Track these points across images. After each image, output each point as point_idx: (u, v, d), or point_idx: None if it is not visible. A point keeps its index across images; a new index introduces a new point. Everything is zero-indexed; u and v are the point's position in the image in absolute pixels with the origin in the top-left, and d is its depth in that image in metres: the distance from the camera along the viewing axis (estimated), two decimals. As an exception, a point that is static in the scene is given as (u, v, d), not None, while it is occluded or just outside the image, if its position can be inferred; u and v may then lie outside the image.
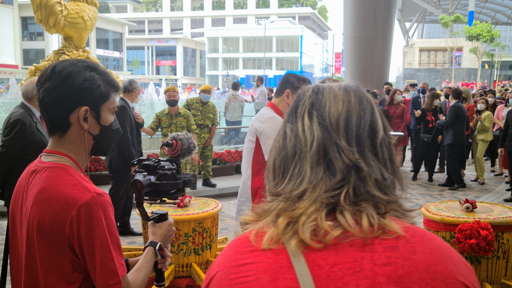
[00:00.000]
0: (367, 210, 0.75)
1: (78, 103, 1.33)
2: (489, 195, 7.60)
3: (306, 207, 0.76)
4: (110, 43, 53.96)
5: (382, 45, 12.05)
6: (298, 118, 0.85)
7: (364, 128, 0.82)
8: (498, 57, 44.56)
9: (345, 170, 0.78)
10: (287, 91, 2.94)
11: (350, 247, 0.73)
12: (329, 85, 0.89)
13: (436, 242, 0.75)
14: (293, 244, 0.73)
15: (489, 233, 3.34)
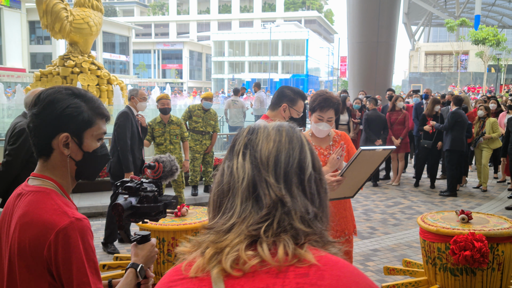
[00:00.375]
0: (285, 241, 0.83)
1: (59, 129, 1.37)
2: (491, 202, 7.57)
3: (232, 239, 0.84)
4: (116, 46, 54.28)
5: (386, 51, 12.04)
6: (234, 156, 0.93)
7: (292, 166, 0.90)
8: (504, 61, 44.30)
9: (271, 205, 0.86)
10: (284, 105, 2.91)
11: (266, 274, 0.80)
12: (265, 125, 0.97)
13: (345, 269, 0.83)
14: (215, 272, 0.81)
15: (483, 245, 3.34)
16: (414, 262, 4.29)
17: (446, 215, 4.02)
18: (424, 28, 65.55)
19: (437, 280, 3.71)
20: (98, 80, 13.56)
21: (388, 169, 9.49)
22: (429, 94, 9.72)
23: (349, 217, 3.20)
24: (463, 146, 7.69)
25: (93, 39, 14.22)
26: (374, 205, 7.39)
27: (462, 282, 3.55)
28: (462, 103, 8.01)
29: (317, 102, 3.03)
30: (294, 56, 65.00)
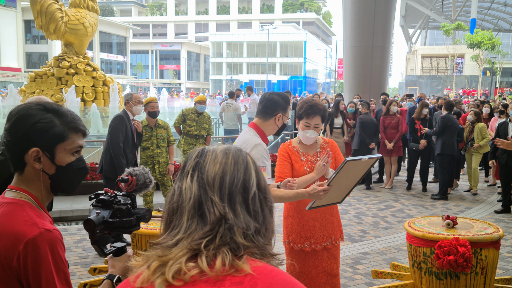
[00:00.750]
0: (224, 253, 0.92)
1: (30, 144, 1.40)
2: (481, 205, 7.65)
3: (176, 253, 0.93)
4: (114, 46, 54.16)
5: (381, 55, 12.13)
6: (183, 177, 1.02)
7: (236, 186, 0.99)
8: (499, 64, 44.54)
9: (215, 221, 0.96)
10: (279, 114, 2.86)
11: (204, 283, 0.89)
12: (214, 148, 1.06)
13: (278, 277, 0.91)
14: (158, 282, 0.90)
15: (466, 250, 3.40)
16: (402, 265, 4.34)
17: (432, 220, 4.07)
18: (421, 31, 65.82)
19: (422, 283, 3.77)
20: (94, 81, 13.54)
21: (382, 173, 9.55)
22: (423, 98, 9.79)
23: (335, 223, 3.24)
24: (454, 150, 7.77)
25: (88, 40, 14.21)
26: (366, 208, 7.45)
27: (446, 286, 3.61)
28: (453, 108, 8.09)
29: (303, 109, 3.08)
30: (292, 57, 65.08)
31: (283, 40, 64.43)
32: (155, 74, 70.13)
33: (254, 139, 2.80)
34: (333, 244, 3.19)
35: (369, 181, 8.97)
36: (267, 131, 2.90)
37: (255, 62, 66.88)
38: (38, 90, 12.60)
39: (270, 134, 2.93)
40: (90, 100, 13.15)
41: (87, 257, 5.09)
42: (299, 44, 64.23)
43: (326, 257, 3.19)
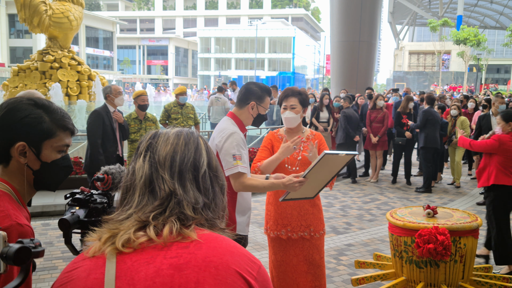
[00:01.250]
0: (172, 223, 1.00)
1: (16, 137, 1.40)
2: (463, 198, 7.76)
3: (127, 225, 1.00)
4: (100, 41, 53.54)
5: (367, 50, 12.19)
6: (137, 158, 1.09)
7: (186, 164, 1.06)
8: (485, 60, 45.04)
9: (165, 196, 1.03)
10: (252, 103, 2.86)
11: (152, 249, 0.97)
12: (166, 131, 1.12)
13: (223, 242, 1.00)
14: (109, 250, 0.97)
15: (445, 238, 3.45)
16: (384, 255, 4.40)
17: (413, 210, 4.13)
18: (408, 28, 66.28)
19: (403, 272, 3.82)
20: (79, 75, 13.39)
21: (367, 166, 9.63)
22: (409, 93, 9.88)
23: (316, 214, 3.22)
24: (437, 143, 7.86)
25: (73, 34, 14.03)
26: (352, 201, 7.51)
27: (426, 274, 3.66)
28: (435, 102, 8.19)
29: (281, 94, 3.27)
30: (281, 53, 65.06)
31: (272, 35, 64.35)
32: (143, 70, 69.62)
33: (231, 128, 2.79)
34: (312, 235, 3.19)
35: (355, 174, 9.04)
36: (243, 120, 2.90)
37: (243, 58, 66.73)
38: (21, 84, 12.43)
39: (247, 124, 2.91)
40: (74, 95, 13.01)
41: (69, 251, 5.05)
42: (288, 40, 64.22)
43: (307, 246, 3.21)
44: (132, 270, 0.95)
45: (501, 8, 61.00)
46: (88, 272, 0.97)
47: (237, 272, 0.96)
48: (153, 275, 0.94)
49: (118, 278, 0.95)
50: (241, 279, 0.96)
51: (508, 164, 4.54)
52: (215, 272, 0.94)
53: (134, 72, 68.02)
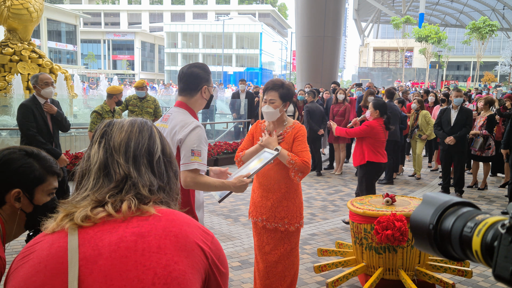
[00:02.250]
0: (130, 199, 1.06)
1: (12, 185, 1.55)
2: (424, 189, 8.04)
3: (82, 206, 1.06)
4: (62, 35, 51.99)
5: (332, 45, 12.39)
6: (92, 145, 1.15)
7: (141, 150, 1.13)
8: (445, 57, 46.52)
9: (120, 179, 1.09)
10: (204, 87, 2.71)
11: (113, 222, 1.04)
12: (120, 120, 1.19)
13: (180, 216, 1.09)
14: (69, 225, 1.03)
15: (402, 224, 3.59)
16: (346, 243, 4.53)
17: (373, 199, 4.27)
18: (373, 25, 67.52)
19: (363, 258, 3.95)
20: (40, 69, 13.02)
21: (332, 160, 9.80)
22: (371, 88, 10.11)
23: (291, 208, 3.24)
24: (397, 136, 8.09)
25: (33, 26, 13.62)
26: (316, 193, 7.66)
27: (385, 260, 3.80)
28: (394, 95, 8.42)
29: (264, 87, 3.31)
30: (248, 49, 65.06)
31: (239, 31, 64.25)
32: (108, 65, 68.16)
33: (193, 121, 2.63)
34: (286, 228, 3.22)
35: (320, 167, 9.20)
36: (196, 107, 2.76)
37: (211, 53, 66.36)
38: (-21, 77, 11.99)
39: (199, 110, 2.81)
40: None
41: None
42: (255, 36, 64.29)
43: (279, 237, 3.26)
44: (95, 238, 1.01)
45: (461, 7, 63.08)
46: (51, 242, 1.01)
47: (194, 241, 1.04)
48: (117, 241, 1.00)
49: (81, 245, 1.00)
50: (198, 247, 1.04)
51: (377, 145, 5.50)
52: (175, 240, 1.02)
53: (99, 67, 66.51)
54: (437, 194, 0.88)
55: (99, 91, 19.84)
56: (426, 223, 0.83)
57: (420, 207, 0.86)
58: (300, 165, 3.08)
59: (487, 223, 0.76)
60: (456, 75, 64.26)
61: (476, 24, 42.98)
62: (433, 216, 0.83)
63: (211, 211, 6.45)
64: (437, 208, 0.83)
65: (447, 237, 0.81)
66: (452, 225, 0.80)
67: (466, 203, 0.84)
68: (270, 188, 3.22)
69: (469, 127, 7.22)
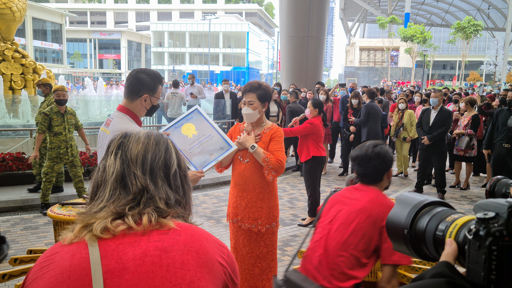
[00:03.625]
0: (149, 213, 1.07)
1: None
2: (407, 188, 8.11)
3: (100, 217, 1.05)
4: (48, 34, 51.42)
5: (316, 45, 12.42)
6: (108, 156, 1.15)
7: (157, 162, 1.13)
8: (431, 57, 47.00)
9: (137, 191, 1.09)
10: (145, 95, 2.59)
11: (134, 235, 1.04)
12: (137, 131, 1.19)
13: (199, 230, 1.10)
14: (88, 236, 1.02)
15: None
16: (326, 245, 4.53)
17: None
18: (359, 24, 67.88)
19: (342, 260, 3.96)
20: (23, 69, 12.88)
21: (316, 159, 9.83)
22: (355, 88, 10.17)
23: (265, 209, 3.22)
24: (379, 136, 8.15)
25: (16, 25, 13.44)
26: (300, 193, 7.67)
27: (363, 262, 3.81)
28: (375, 95, 8.48)
29: (242, 89, 3.32)
30: (235, 48, 64.96)
31: (226, 30, 64.12)
32: (94, 64, 67.54)
33: (131, 127, 2.50)
34: (259, 229, 3.20)
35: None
36: (137, 112, 2.63)
37: (198, 52, 66.13)
38: (-40, 77, 11.80)
39: (141, 116, 2.68)
40: (19, 89, 12.51)
41: (10, 248, 4.90)
42: (242, 35, 64.22)
43: (254, 239, 3.23)
44: (118, 251, 1.01)
45: (446, 7, 63.74)
46: (72, 253, 1.00)
47: (214, 257, 1.07)
48: (142, 255, 1.00)
49: (104, 258, 0.99)
50: (218, 263, 1.07)
51: (318, 140, 5.89)
52: (196, 256, 1.04)
53: (85, 66, 65.91)
54: (411, 194, 0.89)
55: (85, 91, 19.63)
56: (401, 227, 0.85)
57: (395, 209, 0.87)
58: (275, 163, 3.09)
59: (457, 225, 0.77)
60: (442, 74, 64.93)
61: (461, 24, 43.50)
62: (407, 218, 0.84)
63: (193, 212, 6.41)
64: (411, 209, 0.85)
65: (422, 238, 0.82)
66: (426, 226, 0.82)
67: (439, 203, 0.85)
68: (245, 187, 3.22)
69: (447, 127, 7.29)
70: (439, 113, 7.31)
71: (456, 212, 0.81)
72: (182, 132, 2.89)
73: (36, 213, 6.31)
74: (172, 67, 63.25)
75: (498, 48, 51.79)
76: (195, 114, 2.95)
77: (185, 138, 2.87)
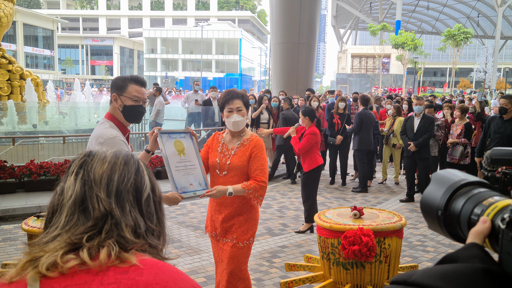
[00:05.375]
0: (110, 245, 0.90)
1: None
2: (398, 196, 7.99)
3: (53, 247, 0.89)
4: (39, 40, 51.29)
5: (307, 52, 12.34)
6: (68, 176, 1.00)
7: (126, 184, 0.99)
8: (422, 64, 47.27)
9: (100, 216, 0.94)
10: (114, 95, 2.60)
11: (85, 274, 0.87)
12: (103, 150, 1.05)
13: (165, 268, 0.91)
14: (31, 274, 0.86)
15: (370, 239, 3.47)
16: (315, 257, 4.38)
17: (341, 212, 4.14)
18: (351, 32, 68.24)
19: (331, 274, 3.81)
20: (10, 75, 12.68)
21: (307, 167, 9.70)
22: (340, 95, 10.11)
23: (242, 223, 3.07)
24: (371, 145, 8.06)
25: (3, 31, 13.27)
26: (290, 202, 7.53)
27: (353, 275, 3.67)
28: (369, 102, 8.39)
29: (222, 97, 3.11)
30: (228, 55, 65.01)
31: (219, 37, 64.19)
32: (86, 70, 67.26)
33: (109, 132, 2.54)
34: (234, 243, 3.05)
35: (294, 176, 9.08)
36: (118, 116, 2.63)
37: (190, 59, 66.07)
38: None
39: (125, 122, 2.66)
40: (5, 95, 12.30)
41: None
42: (235, 42, 64.30)
43: (231, 255, 3.06)
44: None
45: (436, 14, 64.29)
46: None
47: None
48: None
49: None
50: None
51: (318, 147, 5.90)
52: None
53: (77, 72, 65.61)
54: (448, 172, 0.84)
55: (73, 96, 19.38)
56: (435, 207, 0.80)
57: (430, 188, 0.83)
58: (258, 188, 2.94)
59: (497, 207, 0.72)
60: (433, 81, 65.33)
61: (451, 32, 43.81)
62: (442, 199, 0.79)
63: (180, 222, 6.25)
64: (446, 189, 0.80)
65: (456, 220, 0.78)
66: (461, 209, 0.77)
67: (479, 183, 0.80)
68: (223, 202, 3.06)
69: (430, 134, 7.41)
70: (422, 119, 7.47)
71: (496, 195, 0.76)
72: (174, 146, 2.75)
73: (17, 223, 6.10)
74: (165, 74, 63.06)
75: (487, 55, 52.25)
76: (187, 136, 2.87)
77: (175, 154, 2.74)
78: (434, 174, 0.84)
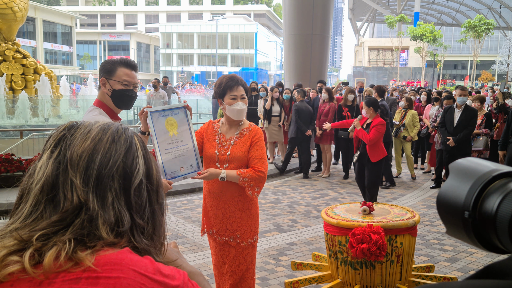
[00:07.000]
0: (58, 246, 0.71)
1: None
2: (415, 192, 7.67)
3: (1, 245, 0.72)
4: (58, 36, 52.07)
5: (320, 43, 12.04)
6: (43, 154, 0.82)
7: (110, 169, 0.78)
8: (441, 56, 46.22)
9: (70, 210, 0.75)
10: (102, 79, 2.45)
11: (29, 283, 0.69)
12: (90, 122, 0.84)
13: (128, 270, 0.71)
14: None
15: (380, 237, 3.22)
16: (323, 255, 4.15)
17: (350, 207, 3.90)
18: (368, 24, 67.30)
19: (339, 274, 3.58)
20: (24, 69, 12.77)
21: (320, 161, 9.43)
22: (363, 88, 9.79)
23: (245, 220, 2.87)
24: (390, 137, 7.71)
25: (18, 25, 13.32)
26: (301, 197, 7.29)
27: (362, 276, 3.43)
28: (385, 93, 8.05)
29: (224, 83, 2.85)
30: (243, 49, 64.80)
31: (234, 31, 64.04)
32: (103, 66, 67.91)
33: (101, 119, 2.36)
34: (238, 243, 2.85)
35: (307, 170, 8.82)
36: (107, 102, 2.46)
37: (206, 54, 66.10)
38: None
39: (115, 108, 2.49)
40: (19, 89, 12.39)
41: None
42: (250, 36, 64.05)
43: (233, 255, 2.86)
44: None
45: (457, 6, 62.80)
46: None
47: None
48: None
49: None
50: None
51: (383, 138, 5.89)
52: None
53: (95, 67, 66.22)
54: (472, 161, 0.63)
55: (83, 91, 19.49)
56: (459, 207, 0.61)
57: (450, 182, 0.62)
58: (255, 178, 2.71)
59: None
60: (453, 74, 63.94)
61: (472, 23, 42.66)
62: (469, 196, 0.60)
63: (186, 217, 6.07)
64: (474, 183, 0.60)
65: (491, 224, 0.58)
66: (497, 208, 0.58)
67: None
68: (221, 196, 2.83)
69: (472, 128, 6.89)
70: (464, 112, 6.91)
71: None
72: (166, 124, 2.52)
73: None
74: (180, 68, 63.20)
75: (510, 47, 50.78)
76: (182, 111, 2.62)
77: (166, 133, 2.51)
78: (453, 163, 0.62)
